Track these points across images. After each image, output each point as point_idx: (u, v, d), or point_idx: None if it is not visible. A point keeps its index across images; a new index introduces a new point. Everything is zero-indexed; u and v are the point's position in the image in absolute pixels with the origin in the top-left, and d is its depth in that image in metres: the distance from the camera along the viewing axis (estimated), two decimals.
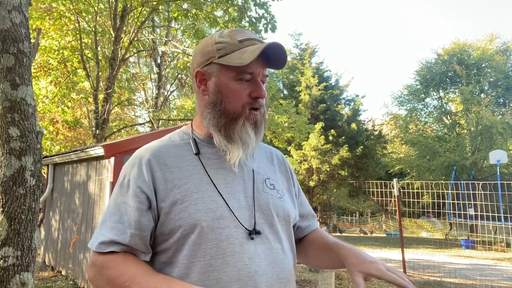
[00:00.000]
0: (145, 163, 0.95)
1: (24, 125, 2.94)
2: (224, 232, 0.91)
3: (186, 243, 0.90)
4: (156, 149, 0.99)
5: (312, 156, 18.90)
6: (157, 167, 0.95)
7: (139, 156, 0.98)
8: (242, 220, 0.94)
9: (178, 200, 0.91)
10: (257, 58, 0.94)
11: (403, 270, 5.62)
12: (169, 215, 0.91)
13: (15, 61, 2.96)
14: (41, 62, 10.66)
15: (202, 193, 0.93)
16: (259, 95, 0.97)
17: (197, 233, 0.89)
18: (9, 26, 2.96)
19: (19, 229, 2.83)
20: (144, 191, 0.92)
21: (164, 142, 1.03)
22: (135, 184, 0.93)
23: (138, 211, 0.91)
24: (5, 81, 2.93)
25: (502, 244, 13.21)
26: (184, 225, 0.90)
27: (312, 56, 23.34)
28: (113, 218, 0.93)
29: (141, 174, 0.94)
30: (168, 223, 0.91)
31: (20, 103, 2.94)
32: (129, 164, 0.98)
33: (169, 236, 0.91)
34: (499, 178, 12.72)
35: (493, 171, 17.74)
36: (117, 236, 0.90)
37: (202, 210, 0.91)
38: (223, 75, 0.97)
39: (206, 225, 0.90)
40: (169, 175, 0.94)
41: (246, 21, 9.16)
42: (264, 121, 1.02)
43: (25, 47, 3.03)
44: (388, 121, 27.97)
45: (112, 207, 0.94)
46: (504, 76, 22.79)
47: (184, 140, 1.03)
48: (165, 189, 0.92)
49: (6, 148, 2.89)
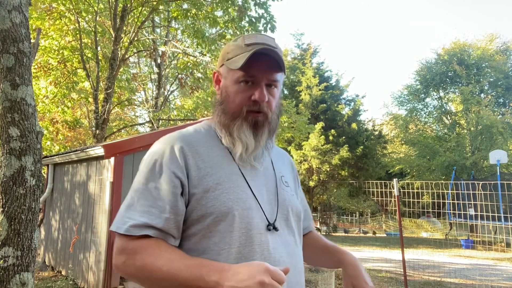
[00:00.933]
0: (178, 149, 0.97)
1: (24, 125, 2.94)
2: (253, 222, 0.94)
3: (216, 229, 0.92)
4: (187, 137, 1.02)
5: (312, 156, 18.90)
6: (190, 154, 0.97)
7: (169, 143, 1.00)
8: (267, 211, 0.99)
9: (210, 188, 0.94)
10: (260, 63, 0.99)
11: (403, 270, 5.61)
12: (201, 201, 0.93)
13: (15, 61, 2.96)
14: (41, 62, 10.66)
15: (233, 183, 0.97)
16: (257, 98, 0.99)
17: (229, 221, 0.92)
18: (9, 26, 2.96)
19: (19, 229, 2.83)
20: (178, 176, 0.94)
21: (192, 132, 1.06)
22: (169, 169, 0.94)
23: (173, 195, 0.92)
24: (5, 81, 2.93)
25: (502, 244, 13.21)
26: (216, 212, 0.92)
27: (313, 56, 23.37)
28: (144, 203, 0.92)
29: (175, 159, 0.96)
30: (199, 209, 0.93)
31: (20, 103, 2.94)
32: (160, 150, 0.99)
33: (198, 222, 0.93)
34: (499, 178, 12.73)
35: (493, 171, 17.73)
36: (151, 219, 0.90)
37: (233, 199, 0.94)
38: (229, 77, 1.03)
39: (237, 213, 0.93)
40: (201, 163, 0.97)
41: (246, 21, 9.17)
42: (269, 124, 1.04)
43: (25, 47, 3.03)
44: (388, 121, 27.98)
45: (142, 191, 0.94)
46: (504, 76, 22.78)
47: (211, 132, 1.07)
48: (197, 176, 0.95)
49: (6, 148, 2.89)
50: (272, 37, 1.06)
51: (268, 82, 1.02)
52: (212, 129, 1.08)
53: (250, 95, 1.00)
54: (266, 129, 1.03)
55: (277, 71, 1.02)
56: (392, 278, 7.19)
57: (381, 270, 8.11)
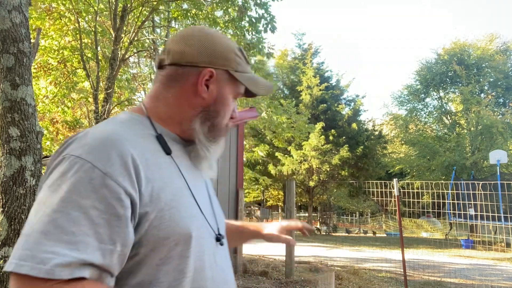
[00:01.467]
0: (126, 155, 0.73)
1: (24, 125, 2.94)
2: (205, 243, 0.82)
3: (170, 256, 0.75)
4: (132, 139, 0.78)
5: (312, 156, 18.90)
6: (139, 161, 0.74)
7: (113, 145, 0.73)
8: (213, 225, 0.88)
9: (165, 205, 0.75)
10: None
11: (403, 270, 5.61)
12: (154, 222, 0.73)
13: (15, 61, 2.96)
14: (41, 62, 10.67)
15: (185, 197, 0.81)
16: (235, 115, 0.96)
17: (186, 245, 0.77)
18: (9, 26, 2.96)
19: (19, 229, 2.83)
20: (129, 193, 0.70)
21: (132, 131, 0.81)
22: (115, 183, 0.69)
23: (119, 219, 0.69)
24: (5, 81, 2.93)
25: (502, 244, 13.21)
26: (172, 235, 0.75)
27: (314, 56, 23.40)
28: (75, 229, 0.65)
29: (123, 170, 0.71)
30: (152, 233, 0.73)
31: (20, 103, 2.94)
32: (100, 155, 0.71)
33: (148, 248, 0.74)
34: (499, 178, 12.73)
35: (493, 171, 17.73)
36: (88, 254, 0.65)
37: (188, 217, 0.79)
38: (228, 88, 0.91)
39: (195, 235, 0.78)
40: (151, 174, 0.76)
41: (246, 21, 9.17)
42: None
43: (25, 47, 3.03)
44: (388, 121, 28.00)
45: (69, 213, 0.66)
46: (504, 76, 22.81)
47: (148, 131, 0.85)
48: (149, 192, 0.74)
49: (6, 148, 2.89)
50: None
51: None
52: (147, 127, 0.85)
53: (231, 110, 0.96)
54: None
55: (246, 96, 1.01)
56: (392, 278, 7.19)
57: (381, 270, 8.11)
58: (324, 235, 19.21)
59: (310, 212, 21.12)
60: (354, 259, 9.85)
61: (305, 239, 15.83)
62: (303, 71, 22.18)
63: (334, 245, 14.00)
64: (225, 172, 6.91)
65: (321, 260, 9.39)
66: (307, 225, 1.23)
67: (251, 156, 17.53)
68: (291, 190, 6.74)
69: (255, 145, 18.54)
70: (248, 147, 18.34)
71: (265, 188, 25.55)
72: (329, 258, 9.95)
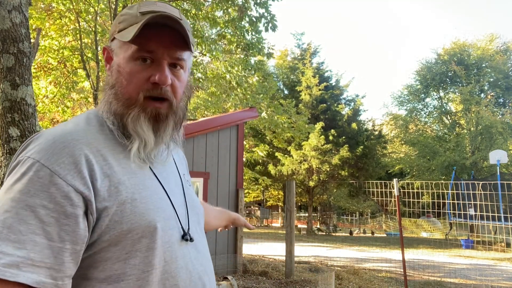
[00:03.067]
0: (78, 154, 0.72)
1: (24, 125, 2.94)
2: (175, 234, 0.81)
3: (136, 249, 0.75)
4: (85, 135, 0.77)
5: (312, 156, 18.90)
6: (94, 158, 0.74)
7: (64, 145, 0.73)
8: (182, 219, 0.86)
9: (126, 200, 0.74)
10: (161, 36, 0.81)
11: (403, 270, 5.62)
12: (115, 217, 0.73)
13: (15, 61, 2.96)
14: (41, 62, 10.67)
15: (150, 190, 0.80)
16: (158, 80, 0.80)
17: (152, 237, 0.76)
18: (9, 26, 2.96)
19: None
20: (80, 191, 0.70)
21: (86, 128, 0.80)
22: (64, 182, 0.69)
23: (70, 218, 0.68)
24: (5, 81, 2.93)
25: (502, 244, 13.21)
26: (136, 228, 0.74)
27: (313, 56, 23.41)
28: (23, 228, 0.64)
29: (73, 168, 0.70)
30: (114, 228, 0.73)
31: (20, 103, 2.94)
32: (51, 155, 0.71)
33: (112, 243, 0.73)
34: (499, 178, 12.73)
35: (493, 171, 17.74)
36: (36, 253, 0.64)
37: (154, 210, 0.78)
38: (122, 53, 0.83)
39: (160, 226, 0.77)
40: (108, 169, 0.75)
41: (246, 21, 9.17)
42: (174, 114, 0.85)
43: (25, 47, 3.03)
44: (388, 121, 28.00)
45: (17, 212, 0.65)
46: (504, 76, 22.82)
47: (106, 126, 0.83)
48: (107, 187, 0.73)
49: (6, 148, 2.89)
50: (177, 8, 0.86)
51: (172, 61, 0.84)
52: (104, 121, 0.84)
53: (148, 77, 0.81)
54: (171, 121, 0.85)
55: (183, 48, 0.84)
56: (392, 278, 7.19)
57: (381, 270, 8.11)
58: (324, 235, 19.22)
59: (310, 212, 21.11)
60: (354, 259, 9.85)
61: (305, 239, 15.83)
62: (303, 71, 22.19)
63: (334, 245, 14.00)
64: (225, 172, 6.91)
65: (321, 260, 9.39)
66: (248, 224, 1.39)
67: (251, 156, 17.53)
68: (291, 190, 6.74)
69: (255, 145, 18.54)
70: (248, 147, 18.34)
71: (265, 188, 25.56)
72: (329, 258, 9.95)
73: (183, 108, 0.88)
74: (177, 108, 0.85)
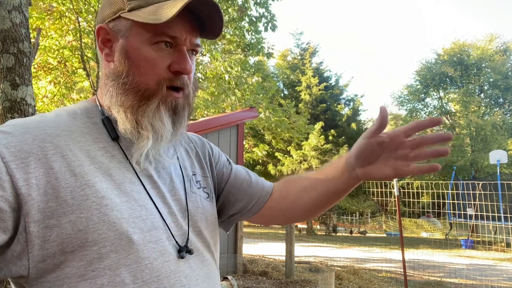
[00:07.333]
0: (29, 147, 0.62)
1: None
2: (158, 248, 0.69)
3: (104, 266, 0.63)
4: (53, 127, 0.67)
5: (312, 156, 18.91)
6: (54, 155, 0.64)
7: (26, 129, 0.65)
8: (174, 230, 0.73)
9: (92, 205, 0.63)
10: (185, 20, 0.71)
11: (403, 270, 5.62)
12: (78, 226, 0.62)
13: (15, 61, 2.96)
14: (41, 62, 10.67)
15: (126, 195, 0.68)
16: (181, 69, 0.71)
17: (124, 251, 0.64)
18: (9, 26, 2.96)
19: None
20: (18, 186, 0.60)
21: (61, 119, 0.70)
22: (4, 168, 0.60)
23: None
24: (5, 81, 2.93)
25: (502, 244, 13.21)
26: (102, 240, 0.63)
27: (313, 56, 23.42)
28: None
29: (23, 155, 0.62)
30: (71, 240, 0.62)
31: (20, 103, 2.94)
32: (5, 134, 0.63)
33: (70, 258, 0.62)
34: (499, 178, 12.73)
35: (493, 171, 17.75)
36: None
37: (128, 219, 0.66)
38: (135, 36, 0.71)
39: (137, 238, 0.66)
40: (76, 168, 0.64)
41: (246, 22, 9.17)
42: (189, 107, 0.76)
43: (25, 47, 3.03)
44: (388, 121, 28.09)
45: None
46: (503, 76, 22.85)
47: (93, 119, 0.73)
48: (69, 188, 0.63)
49: None
50: None
51: (191, 48, 0.74)
52: (95, 114, 0.74)
53: (169, 64, 0.71)
54: (186, 113, 0.76)
55: (216, 33, 0.75)
56: (392, 278, 7.19)
57: (381, 270, 8.11)
58: (324, 235, 19.23)
59: None
60: (354, 259, 9.85)
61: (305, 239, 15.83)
62: (302, 70, 22.21)
63: (334, 245, 14.00)
64: None
65: (321, 260, 9.39)
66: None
67: (251, 156, 17.54)
68: None
69: (255, 145, 18.55)
70: (248, 147, 18.34)
71: None
72: (329, 258, 9.95)
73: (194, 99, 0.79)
74: (192, 98, 0.77)
